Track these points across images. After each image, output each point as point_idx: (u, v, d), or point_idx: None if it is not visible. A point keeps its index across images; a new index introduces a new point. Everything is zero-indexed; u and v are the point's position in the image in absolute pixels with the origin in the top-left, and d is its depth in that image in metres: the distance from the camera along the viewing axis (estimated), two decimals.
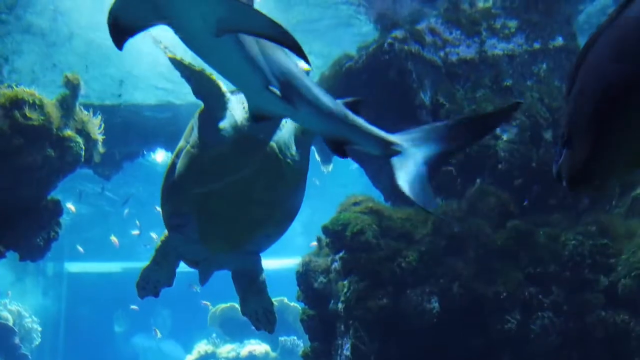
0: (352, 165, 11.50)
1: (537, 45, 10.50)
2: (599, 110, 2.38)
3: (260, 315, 8.26)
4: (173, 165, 7.23)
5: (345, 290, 8.71)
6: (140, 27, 4.02)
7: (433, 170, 5.29)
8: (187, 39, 4.07)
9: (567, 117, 2.61)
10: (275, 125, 6.82)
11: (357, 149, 5.22)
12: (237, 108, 6.72)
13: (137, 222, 23.47)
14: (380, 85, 9.99)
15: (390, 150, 5.20)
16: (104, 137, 10.23)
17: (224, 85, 6.68)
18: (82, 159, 9.67)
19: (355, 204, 9.22)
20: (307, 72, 6.91)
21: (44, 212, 10.03)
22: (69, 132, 9.38)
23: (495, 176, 9.50)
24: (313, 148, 14.44)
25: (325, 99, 4.81)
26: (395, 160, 5.19)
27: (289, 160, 6.94)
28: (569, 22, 10.98)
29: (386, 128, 10.04)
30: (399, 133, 5.37)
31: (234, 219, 7.09)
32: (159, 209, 7.74)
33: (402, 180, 5.13)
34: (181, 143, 7.22)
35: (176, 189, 7.11)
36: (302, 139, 7.18)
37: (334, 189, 19.68)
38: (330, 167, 14.04)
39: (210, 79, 6.55)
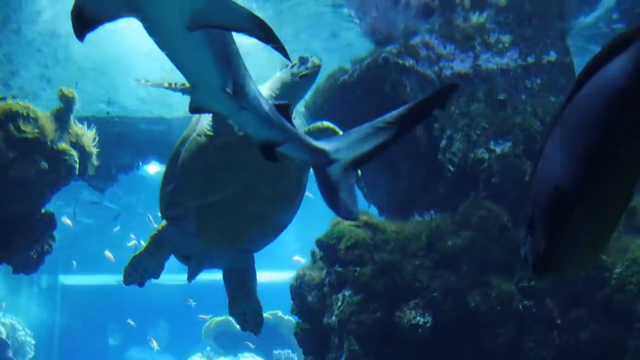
0: None
1: (530, 60, 10.56)
2: (551, 207, 2.54)
3: (248, 316, 8.15)
4: (176, 153, 7.15)
5: (339, 303, 8.70)
6: (106, 19, 3.89)
7: (358, 172, 5.24)
8: (156, 31, 3.92)
9: (530, 206, 2.76)
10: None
11: (286, 153, 5.16)
12: None
13: (132, 235, 23.42)
14: (374, 99, 10.02)
15: (319, 158, 5.14)
16: (99, 150, 10.23)
17: None
18: (77, 172, 9.67)
19: None
20: (319, 67, 6.91)
21: (37, 225, 10.02)
22: (63, 145, 9.39)
23: (489, 190, 9.51)
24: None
25: (266, 104, 4.80)
26: (325, 169, 5.13)
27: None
28: (562, 37, 11.04)
29: None
30: (325, 140, 5.30)
31: (233, 213, 7.05)
32: (151, 218, 7.72)
33: (325, 190, 5.08)
34: (187, 132, 7.15)
35: (178, 177, 7.03)
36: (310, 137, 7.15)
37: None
38: None
39: None
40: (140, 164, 14.52)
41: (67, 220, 20.34)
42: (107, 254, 23.96)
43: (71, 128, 9.65)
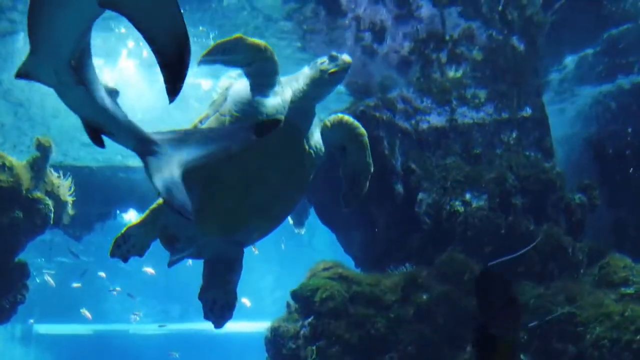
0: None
1: (505, 115, 10.74)
2: None
3: (216, 305, 7.66)
4: None
5: (313, 356, 8.63)
6: None
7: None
8: None
9: None
10: (312, 114, 6.77)
11: (114, 140, 5.05)
12: (282, 91, 6.67)
13: (118, 288, 23.25)
14: None
15: (146, 149, 5.04)
16: (75, 198, 10.21)
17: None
18: (51, 221, 9.63)
19: (325, 269, 9.23)
20: (349, 65, 6.82)
21: (10, 274, 9.91)
22: (38, 194, 9.36)
23: (465, 243, 9.57)
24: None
25: (102, 87, 4.72)
26: (150, 160, 5.03)
27: (312, 150, 6.85)
28: (537, 94, 11.26)
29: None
30: (159, 132, 5.24)
31: (237, 200, 6.86)
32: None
33: (160, 182, 4.97)
34: (208, 111, 7.03)
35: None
36: (327, 131, 7.09)
37: (306, 252, 19.65)
38: (303, 230, 14.10)
39: (272, 56, 6.54)
40: (118, 212, 14.48)
41: (49, 280, 20.22)
42: (84, 312, 23.61)
43: (47, 177, 9.64)
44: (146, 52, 10.73)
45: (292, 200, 7.27)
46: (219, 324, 7.60)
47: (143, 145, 4.90)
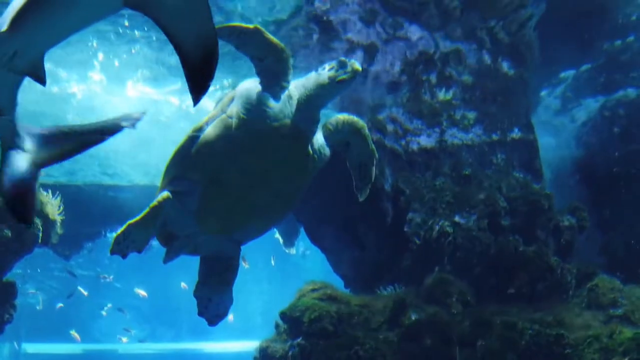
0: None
1: (495, 137, 10.80)
2: None
3: (212, 303, 7.63)
4: (199, 129, 7.02)
5: None
6: None
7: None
8: None
9: None
10: (317, 119, 6.81)
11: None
12: (290, 95, 6.70)
13: (108, 305, 23.16)
14: (341, 171, 10.11)
15: (10, 141, 4.86)
16: (63, 217, 10.18)
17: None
18: (40, 240, 9.59)
19: (314, 290, 9.22)
20: (358, 73, 6.81)
21: None
22: None
23: (454, 264, 9.59)
24: (276, 231, 14.50)
25: None
26: (8, 153, 4.85)
27: (315, 155, 6.90)
28: (526, 115, 11.33)
29: (351, 214, 10.16)
30: (25, 126, 5.08)
31: (239, 200, 6.88)
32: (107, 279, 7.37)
33: (7, 179, 4.77)
34: (214, 112, 7.04)
35: (195, 154, 6.87)
36: (330, 133, 7.13)
37: (295, 270, 19.61)
38: (294, 249, 14.10)
39: (287, 59, 6.54)
40: (109, 231, 14.43)
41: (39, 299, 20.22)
42: (73, 334, 23.50)
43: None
44: (118, 63, 10.73)
45: (292, 201, 7.34)
46: (213, 322, 7.61)
47: (11, 137, 4.65)
